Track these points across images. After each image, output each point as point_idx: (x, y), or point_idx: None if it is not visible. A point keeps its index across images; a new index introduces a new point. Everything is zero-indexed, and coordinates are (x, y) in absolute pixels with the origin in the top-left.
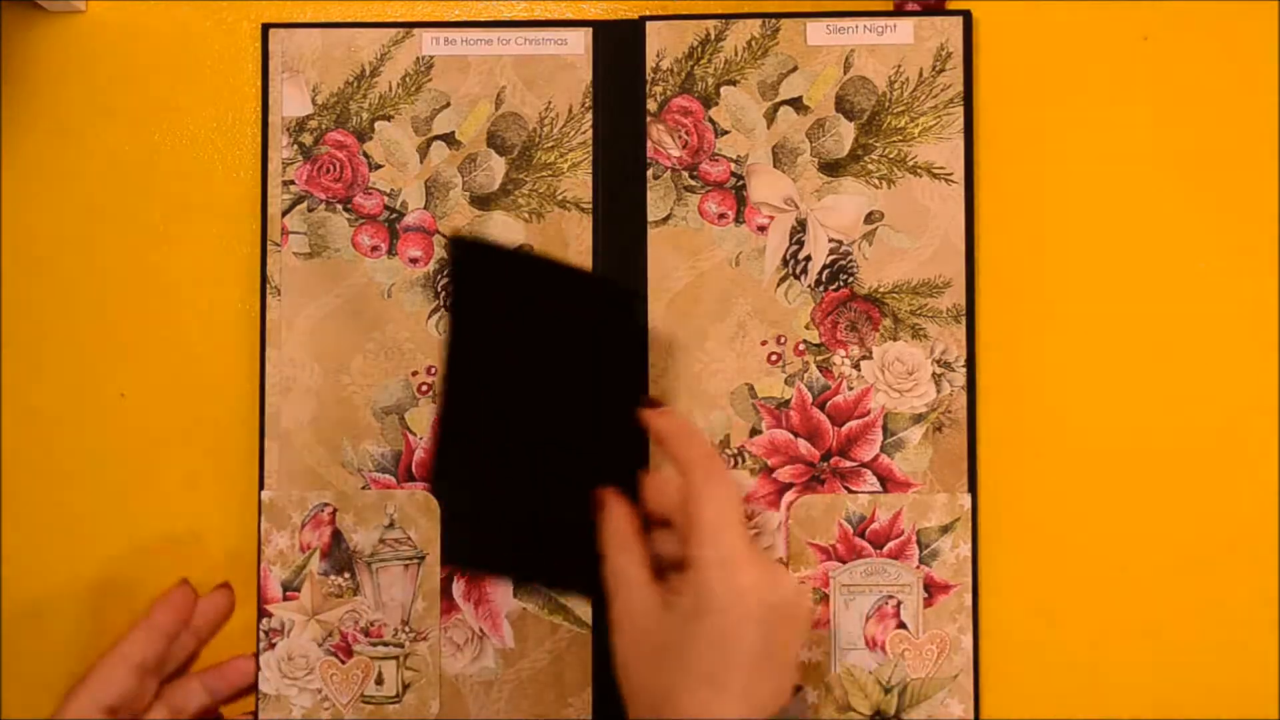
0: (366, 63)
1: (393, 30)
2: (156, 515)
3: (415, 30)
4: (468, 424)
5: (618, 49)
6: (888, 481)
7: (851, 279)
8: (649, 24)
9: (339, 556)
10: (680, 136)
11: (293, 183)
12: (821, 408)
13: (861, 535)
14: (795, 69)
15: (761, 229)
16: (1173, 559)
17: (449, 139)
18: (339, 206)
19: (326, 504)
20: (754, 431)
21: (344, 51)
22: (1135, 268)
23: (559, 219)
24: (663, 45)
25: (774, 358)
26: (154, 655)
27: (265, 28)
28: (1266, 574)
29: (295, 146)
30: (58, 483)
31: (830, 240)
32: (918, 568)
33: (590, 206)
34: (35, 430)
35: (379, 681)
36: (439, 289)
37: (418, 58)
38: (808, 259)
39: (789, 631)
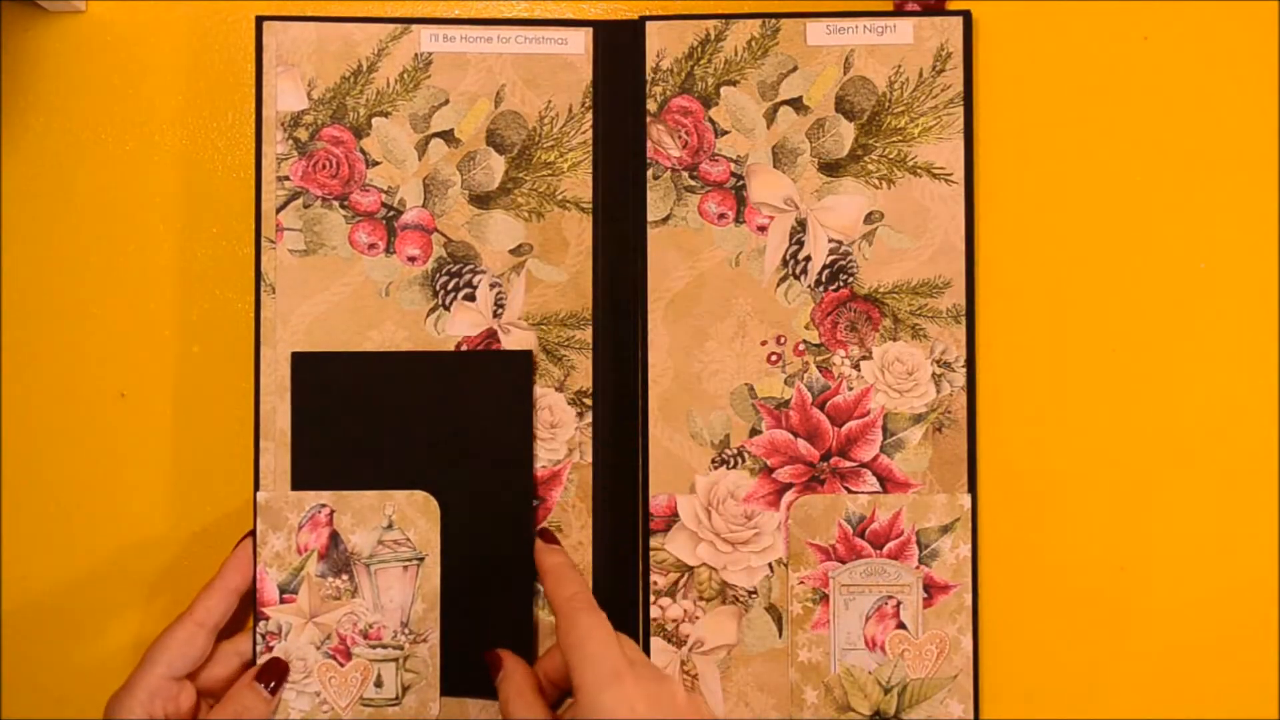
0: (364, 58)
1: (391, 25)
2: (156, 515)
3: (414, 26)
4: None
5: (618, 49)
6: (887, 481)
7: (851, 279)
8: (649, 24)
9: (337, 558)
10: (680, 136)
11: (288, 178)
12: (821, 408)
13: (861, 535)
14: (795, 69)
15: (761, 229)
16: (1173, 559)
17: (448, 136)
18: (335, 203)
19: (324, 505)
20: (754, 431)
21: (340, 46)
22: (1135, 267)
23: (559, 218)
24: (663, 45)
25: (774, 358)
26: (227, 617)
27: (259, 20)
28: (1266, 574)
29: (290, 142)
30: (58, 483)
31: (830, 240)
32: (917, 568)
33: (590, 206)
34: (35, 430)
35: (378, 684)
36: (437, 288)
37: (416, 54)
38: (808, 259)
39: None
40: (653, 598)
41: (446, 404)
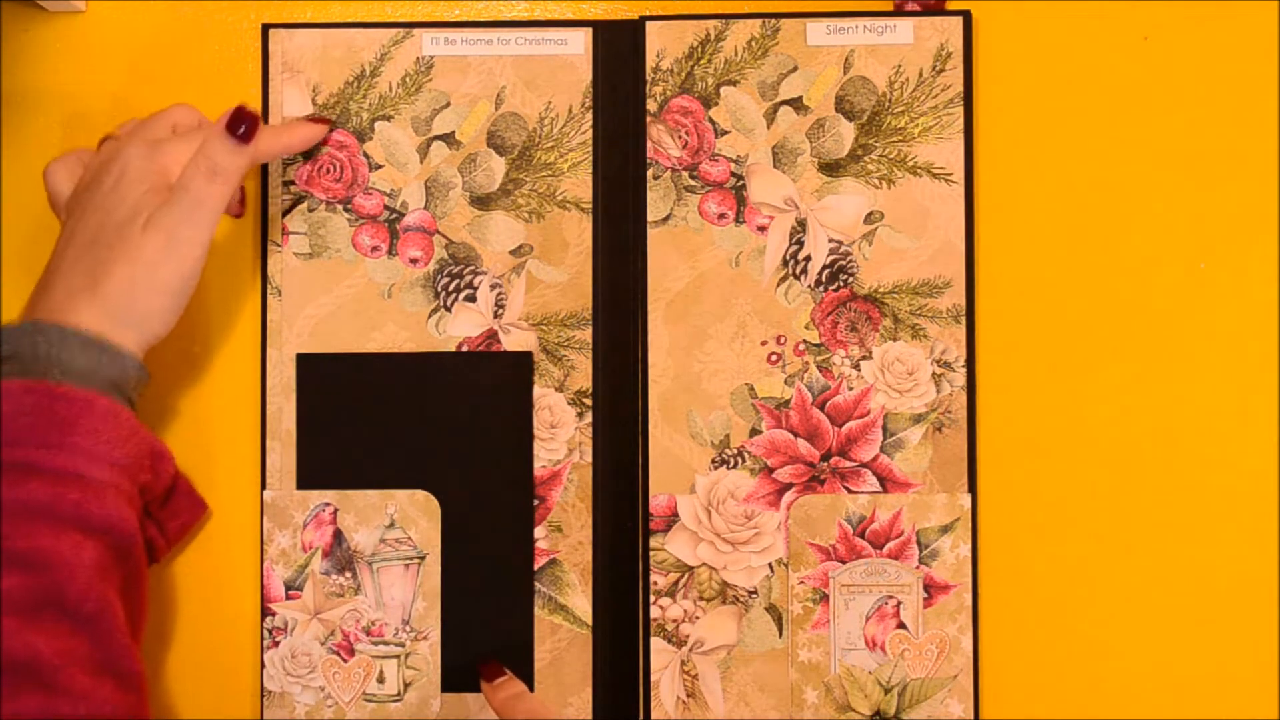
0: (366, 63)
1: (392, 30)
2: None
3: (415, 30)
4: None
5: (618, 49)
6: (887, 481)
7: (851, 279)
8: (649, 24)
9: (340, 556)
10: (680, 136)
11: (293, 183)
12: (821, 408)
13: (861, 535)
14: (795, 69)
15: (761, 229)
16: (1172, 559)
17: (449, 139)
18: (339, 207)
19: (328, 504)
20: (754, 431)
21: (344, 52)
22: (1135, 268)
23: (559, 219)
24: (663, 45)
25: (774, 358)
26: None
27: (265, 28)
28: (1266, 573)
29: None
30: None
31: (830, 240)
32: (918, 568)
33: (590, 206)
34: None
35: (380, 680)
36: (439, 289)
37: (418, 58)
38: (808, 259)
39: None
40: (653, 598)
41: (448, 404)
